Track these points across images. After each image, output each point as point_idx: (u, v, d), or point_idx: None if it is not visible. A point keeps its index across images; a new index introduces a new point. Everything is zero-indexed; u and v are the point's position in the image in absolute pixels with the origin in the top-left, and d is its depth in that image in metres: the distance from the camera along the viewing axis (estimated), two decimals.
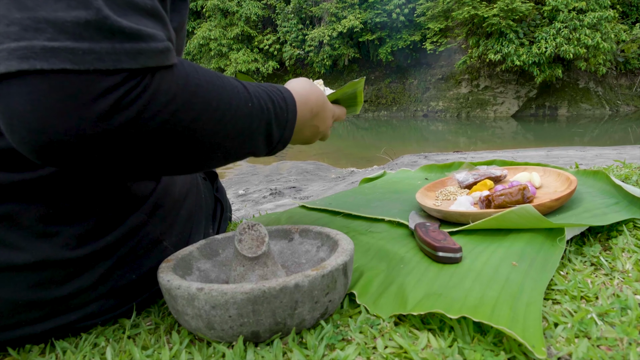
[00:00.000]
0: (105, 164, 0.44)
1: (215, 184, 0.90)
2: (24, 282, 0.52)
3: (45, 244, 0.52)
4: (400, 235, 0.77)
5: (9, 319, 0.53)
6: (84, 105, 0.39)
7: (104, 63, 0.39)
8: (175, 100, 0.43)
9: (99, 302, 0.58)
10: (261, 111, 0.54)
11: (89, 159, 0.42)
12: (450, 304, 0.53)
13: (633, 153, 5.98)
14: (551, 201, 0.72)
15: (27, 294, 0.52)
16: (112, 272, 0.58)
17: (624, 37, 11.49)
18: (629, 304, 0.51)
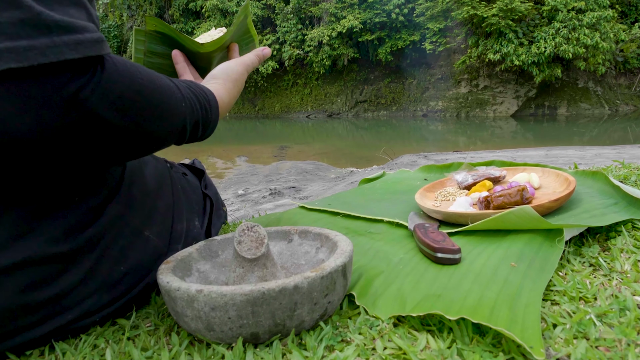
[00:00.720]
0: (64, 155, 0.47)
1: (202, 181, 0.92)
2: (14, 285, 0.51)
3: (30, 241, 0.52)
4: (400, 236, 0.77)
5: (6, 326, 0.52)
6: (42, 104, 0.41)
7: (47, 57, 0.39)
8: (122, 99, 0.46)
9: (92, 298, 0.58)
10: (191, 112, 0.59)
11: (51, 151, 0.45)
12: (449, 305, 0.53)
13: (632, 152, 5.98)
14: (550, 202, 0.72)
15: (19, 297, 0.52)
16: (99, 265, 0.58)
17: (623, 36, 11.49)
18: (628, 304, 0.52)
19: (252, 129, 13.24)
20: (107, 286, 0.59)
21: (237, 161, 8.23)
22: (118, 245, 0.61)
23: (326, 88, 15.06)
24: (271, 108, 15.64)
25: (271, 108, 15.64)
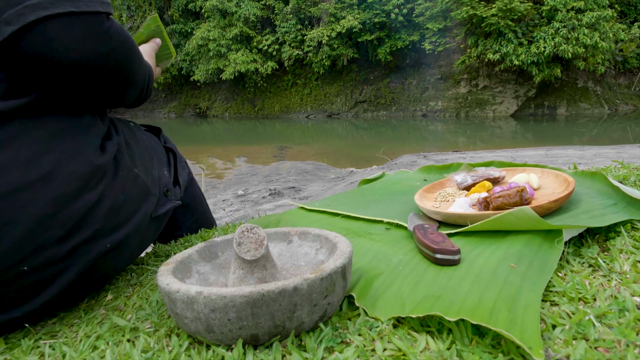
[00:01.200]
0: (101, 78, 0.64)
1: (161, 137, 1.03)
2: (47, 196, 0.59)
3: (66, 154, 0.63)
4: (399, 237, 0.77)
5: (39, 238, 0.59)
6: (94, 34, 0.60)
7: (88, 7, 0.59)
8: (125, 42, 0.66)
9: (99, 222, 0.65)
10: (149, 72, 0.78)
11: (96, 72, 0.63)
12: (448, 306, 0.53)
13: (632, 152, 5.98)
14: (549, 203, 0.73)
15: (49, 208, 0.59)
16: (108, 190, 0.67)
17: (622, 36, 11.49)
18: (627, 305, 0.52)
19: (252, 129, 13.24)
20: (111, 212, 0.67)
21: (237, 161, 8.23)
22: (118, 176, 0.69)
23: (326, 88, 15.05)
24: (271, 108, 15.64)
25: (271, 108, 15.64)
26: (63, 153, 0.62)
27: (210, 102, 17.02)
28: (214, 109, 16.80)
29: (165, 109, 18.01)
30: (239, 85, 16.06)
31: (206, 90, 17.06)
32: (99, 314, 0.68)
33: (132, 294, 0.75)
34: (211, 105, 16.95)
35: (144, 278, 0.83)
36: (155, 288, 0.75)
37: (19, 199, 0.57)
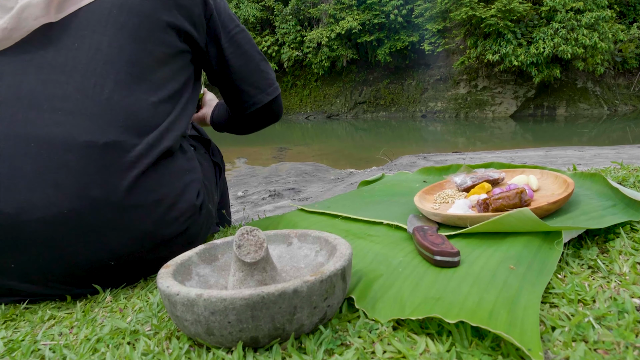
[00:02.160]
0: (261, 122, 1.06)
1: (210, 150, 1.17)
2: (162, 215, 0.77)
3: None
4: (399, 238, 0.77)
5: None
6: (281, 104, 1.05)
7: (277, 92, 1.02)
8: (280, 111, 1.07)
9: (180, 246, 0.81)
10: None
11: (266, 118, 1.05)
12: (448, 308, 0.53)
13: (631, 152, 5.98)
14: (548, 204, 0.73)
15: (161, 224, 0.77)
16: (194, 225, 0.83)
17: (621, 36, 11.50)
18: (626, 307, 0.52)
19: None
20: (188, 241, 0.82)
21: (237, 163, 8.23)
22: (202, 214, 0.85)
23: (325, 89, 15.06)
24: None
25: None
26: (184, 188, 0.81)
27: None
28: None
29: None
30: None
31: None
32: (99, 316, 0.68)
33: (132, 296, 0.75)
34: None
35: (144, 280, 0.83)
36: (155, 290, 0.75)
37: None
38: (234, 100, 0.99)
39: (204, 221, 0.86)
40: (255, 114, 1.00)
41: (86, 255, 0.71)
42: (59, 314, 0.72)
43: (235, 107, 1.01)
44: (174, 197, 0.76)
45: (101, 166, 0.68)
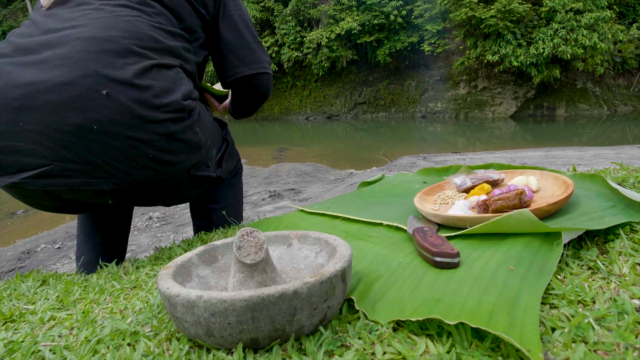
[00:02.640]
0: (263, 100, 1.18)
1: (224, 130, 1.26)
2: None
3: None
4: (399, 239, 0.78)
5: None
6: (270, 81, 1.16)
7: (262, 70, 1.12)
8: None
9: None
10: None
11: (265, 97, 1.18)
12: (448, 309, 0.53)
13: (631, 153, 5.99)
14: (548, 205, 0.73)
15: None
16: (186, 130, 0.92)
17: (621, 37, 11.51)
18: (626, 308, 0.52)
19: (251, 131, 13.25)
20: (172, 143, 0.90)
21: None
22: (188, 122, 0.92)
23: (325, 90, 15.07)
24: (270, 110, 15.65)
25: (270, 110, 15.65)
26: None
27: None
28: (213, 111, 16.80)
29: None
30: None
31: None
32: (99, 317, 0.68)
33: (132, 297, 0.75)
34: None
35: (144, 281, 0.83)
36: (155, 291, 0.75)
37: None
38: (219, 69, 1.12)
39: (189, 137, 0.92)
40: (235, 85, 1.12)
41: (74, 119, 0.79)
42: (59, 314, 0.72)
43: (220, 75, 1.13)
44: (162, 90, 0.86)
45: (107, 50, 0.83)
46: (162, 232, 4.53)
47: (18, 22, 22.29)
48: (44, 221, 5.42)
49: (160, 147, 0.86)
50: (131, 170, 0.85)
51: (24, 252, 4.25)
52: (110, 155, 0.82)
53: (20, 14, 22.72)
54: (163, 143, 0.86)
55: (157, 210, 5.32)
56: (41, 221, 5.42)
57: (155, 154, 0.86)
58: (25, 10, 22.30)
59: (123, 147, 0.82)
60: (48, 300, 0.79)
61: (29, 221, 5.46)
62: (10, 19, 22.79)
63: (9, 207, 6.05)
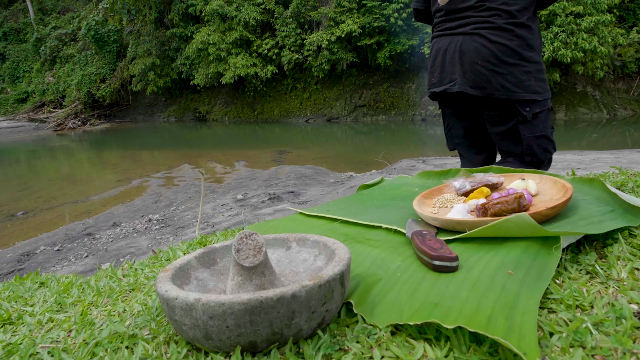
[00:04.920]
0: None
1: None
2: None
3: None
4: (398, 243, 0.78)
5: None
6: None
7: None
8: None
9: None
10: None
11: None
12: (446, 313, 0.53)
13: (631, 157, 5.98)
14: (547, 209, 0.73)
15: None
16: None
17: (621, 41, 11.52)
18: (624, 313, 0.52)
19: (251, 134, 13.25)
20: None
21: (237, 166, 8.22)
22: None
23: (325, 92, 15.08)
24: (270, 112, 15.66)
25: (270, 112, 15.66)
26: None
27: (210, 106, 17.04)
28: (213, 113, 16.82)
29: (165, 113, 18.03)
30: (239, 89, 16.09)
31: (206, 94, 17.09)
32: (97, 320, 0.68)
33: (131, 299, 0.75)
34: (211, 109, 16.97)
35: (143, 283, 0.83)
36: (154, 293, 0.75)
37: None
38: None
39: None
40: None
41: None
42: (57, 316, 0.72)
43: None
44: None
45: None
46: (161, 235, 4.53)
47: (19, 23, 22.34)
48: (43, 223, 5.41)
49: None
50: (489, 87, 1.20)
51: (23, 254, 4.24)
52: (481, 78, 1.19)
53: (21, 15, 22.77)
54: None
55: (157, 213, 5.32)
56: (40, 223, 5.42)
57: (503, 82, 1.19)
58: (26, 11, 22.34)
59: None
60: (46, 302, 0.79)
61: (28, 223, 5.46)
62: (11, 20, 22.83)
63: (9, 209, 6.05)
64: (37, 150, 12.70)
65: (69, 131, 16.83)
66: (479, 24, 1.18)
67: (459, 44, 1.21)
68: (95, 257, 4.04)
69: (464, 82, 1.20)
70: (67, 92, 18.28)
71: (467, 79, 1.20)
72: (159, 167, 8.57)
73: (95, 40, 17.35)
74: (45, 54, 19.69)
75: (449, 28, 1.25)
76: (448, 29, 1.25)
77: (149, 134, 14.19)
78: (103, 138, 14.62)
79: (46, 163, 10.71)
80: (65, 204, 6.27)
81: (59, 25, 20.50)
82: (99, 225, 5.06)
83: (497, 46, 1.17)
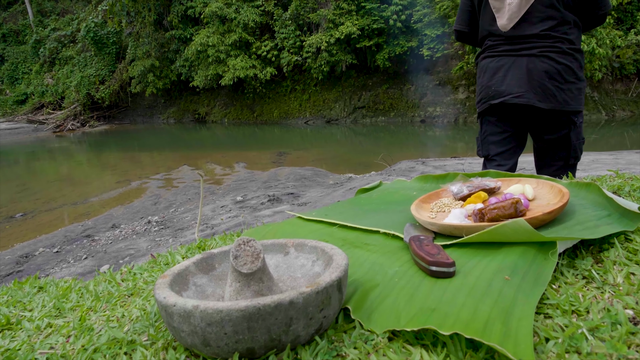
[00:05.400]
0: None
1: None
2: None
3: None
4: (395, 248, 0.78)
5: None
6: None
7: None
8: None
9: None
10: None
11: None
12: (443, 319, 0.53)
13: (629, 158, 5.99)
14: (544, 214, 0.73)
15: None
16: None
17: (619, 42, 11.55)
18: (619, 318, 0.52)
19: (251, 135, 13.26)
20: None
21: (236, 167, 8.23)
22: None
23: (324, 94, 15.09)
24: (270, 114, 15.67)
25: (270, 114, 15.67)
26: None
27: (209, 107, 17.05)
28: (212, 115, 16.83)
29: (164, 115, 18.04)
30: (238, 91, 16.10)
31: (205, 96, 17.10)
32: (96, 325, 0.68)
33: (129, 304, 0.75)
34: (210, 110, 16.98)
35: (141, 288, 0.83)
36: (152, 298, 0.75)
37: None
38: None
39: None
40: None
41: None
42: (56, 322, 0.72)
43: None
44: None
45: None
46: (160, 237, 4.53)
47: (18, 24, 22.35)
48: (42, 225, 5.41)
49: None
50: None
51: (22, 256, 4.24)
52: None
53: (20, 17, 22.78)
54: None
55: (156, 215, 5.32)
56: (39, 225, 5.42)
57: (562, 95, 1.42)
58: (25, 12, 22.35)
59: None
60: (45, 307, 0.79)
61: (27, 225, 5.45)
62: (10, 21, 22.84)
63: (8, 211, 6.04)
64: (36, 152, 12.70)
65: (68, 133, 16.83)
66: (546, 48, 1.39)
67: (525, 63, 1.41)
68: (95, 259, 4.04)
69: (533, 96, 1.40)
70: (66, 93, 18.28)
71: (536, 94, 1.39)
72: (158, 168, 8.57)
73: (95, 42, 17.35)
74: (44, 55, 19.70)
75: (509, 50, 1.45)
76: (509, 51, 1.45)
77: (148, 136, 14.20)
78: (102, 139, 14.63)
79: (45, 164, 10.71)
80: (64, 205, 6.27)
81: (58, 27, 20.50)
82: (98, 227, 5.06)
83: (562, 67, 1.39)
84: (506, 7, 1.38)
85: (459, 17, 1.62)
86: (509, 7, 1.38)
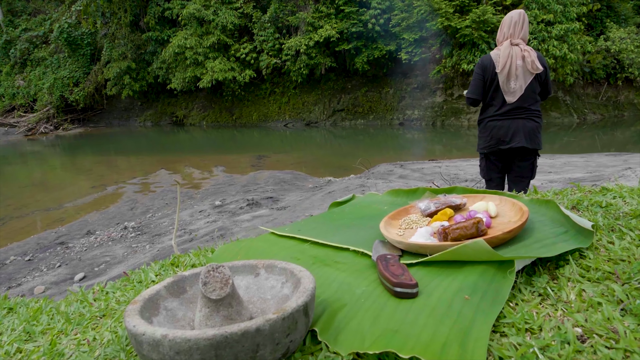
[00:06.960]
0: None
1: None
2: None
3: None
4: (364, 266, 0.80)
5: None
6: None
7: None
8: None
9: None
10: None
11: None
12: (404, 341, 0.56)
13: (599, 160, 6.19)
14: (503, 234, 0.77)
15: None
16: None
17: (589, 48, 11.93)
18: (568, 337, 0.56)
19: (230, 138, 13.19)
20: None
21: (215, 171, 8.17)
22: None
23: (304, 97, 15.12)
24: (249, 117, 15.61)
25: (249, 117, 15.61)
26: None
27: (187, 110, 16.87)
28: (191, 118, 16.66)
29: (141, 118, 17.76)
30: (217, 94, 15.98)
31: (183, 99, 16.91)
32: (67, 350, 0.68)
33: (101, 327, 0.76)
34: (188, 113, 16.81)
35: (114, 309, 0.83)
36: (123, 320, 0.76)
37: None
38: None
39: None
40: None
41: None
42: (26, 347, 0.72)
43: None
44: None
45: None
46: (137, 243, 4.47)
47: None
48: (13, 232, 5.27)
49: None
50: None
51: None
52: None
53: None
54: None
55: (133, 220, 5.24)
56: (11, 232, 5.28)
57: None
58: None
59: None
60: (14, 330, 0.79)
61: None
62: None
63: None
64: (7, 156, 12.35)
65: (40, 136, 16.42)
66: (531, 114, 2.28)
67: (521, 123, 2.28)
68: (69, 267, 3.96)
69: (525, 142, 2.26)
70: (38, 96, 17.81)
71: (527, 140, 2.26)
72: (135, 172, 8.45)
73: (68, 43, 16.97)
74: (15, 56, 19.15)
75: (511, 114, 2.29)
76: (511, 115, 2.29)
77: (125, 139, 13.97)
78: (77, 143, 14.32)
79: (17, 169, 10.42)
80: (37, 211, 6.12)
81: (29, 27, 19.96)
82: (73, 233, 4.96)
83: (537, 125, 2.30)
84: (511, 89, 2.27)
85: (475, 89, 2.37)
86: (514, 90, 2.27)
